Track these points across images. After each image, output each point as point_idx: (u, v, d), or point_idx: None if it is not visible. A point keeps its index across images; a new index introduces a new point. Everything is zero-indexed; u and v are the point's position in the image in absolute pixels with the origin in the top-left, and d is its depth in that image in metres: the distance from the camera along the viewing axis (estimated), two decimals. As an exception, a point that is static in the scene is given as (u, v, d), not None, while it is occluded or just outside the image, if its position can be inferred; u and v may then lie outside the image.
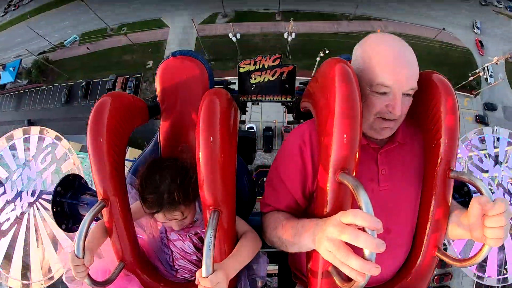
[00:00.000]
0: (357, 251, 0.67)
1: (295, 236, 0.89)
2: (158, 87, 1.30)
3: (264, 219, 1.11)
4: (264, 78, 1.59)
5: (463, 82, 20.22)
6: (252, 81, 1.61)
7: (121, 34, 23.17)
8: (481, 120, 19.62)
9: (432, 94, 0.97)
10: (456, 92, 0.99)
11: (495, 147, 1.67)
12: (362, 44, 1.00)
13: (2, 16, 30.60)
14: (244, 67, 1.60)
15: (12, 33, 28.02)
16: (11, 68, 23.51)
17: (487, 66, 21.23)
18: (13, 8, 30.60)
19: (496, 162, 1.65)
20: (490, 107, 20.37)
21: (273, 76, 1.58)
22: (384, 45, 0.92)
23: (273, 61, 1.57)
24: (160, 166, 1.08)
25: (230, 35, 19.11)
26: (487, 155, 1.66)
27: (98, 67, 22.39)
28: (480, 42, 23.35)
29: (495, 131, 1.70)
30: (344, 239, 0.66)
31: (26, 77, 22.77)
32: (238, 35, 18.87)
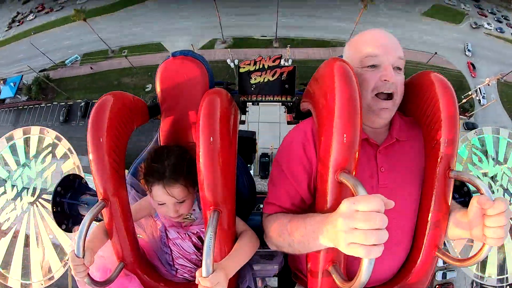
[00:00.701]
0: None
1: (308, 242, 0.86)
2: (158, 87, 1.30)
3: (267, 221, 1.07)
4: (264, 79, 1.59)
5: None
6: (252, 81, 1.61)
7: (121, 56, 23.76)
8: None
9: (431, 94, 0.97)
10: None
11: (495, 147, 1.68)
12: (350, 40, 1.13)
13: (6, 31, 31.36)
14: (244, 67, 1.60)
15: (15, 48, 28.72)
16: (11, 83, 24.12)
17: (479, 88, 21.78)
18: (17, 23, 31.37)
19: (496, 162, 1.65)
20: (471, 127, 20.53)
21: (273, 76, 1.58)
22: (367, 30, 1.08)
23: (273, 61, 1.57)
24: (168, 147, 1.15)
25: (228, 61, 19.48)
26: (487, 155, 1.66)
27: (97, 88, 22.80)
28: (472, 64, 23.79)
29: (495, 131, 1.70)
30: (358, 225, 0.65)
31: (26, 93, 23.23)
32: (236, 61, 19.08)
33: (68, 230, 1.57)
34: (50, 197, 1.54)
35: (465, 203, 1.34)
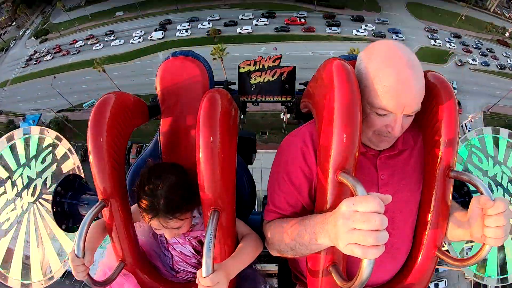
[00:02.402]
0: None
1: (310, 243, 0.86)
2: (158, 87, 1.30)
3: (267, 228, 1.06)
4: (264, 79, 1.59)
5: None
6: (252, 81, 1.61)
7: None
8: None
9: (431, 94, 0.97)
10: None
11: (495, 147, 1.67)
12: (367, 56, 0.91)
13: (23, 67, 33.07)
14: (244, 68, 1.60)
15: (32, 86, 30.18)
16: (31, 121, 25.53)
17: (465, 124, 22.70)
18: (35, 62, 33.11)
19: (496, 162, 1.65)
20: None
21: (273, 76, 1.58)
22: (391, 68, 0.84)
23: (273, 62, 1.57)
24: (162, 170, 1.04)
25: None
26: (487, 155, 1.66)
27: (113, 132, 24.45)
28: (458, 101, 24.30)
29: (495, 131, 1.70)
30: (358, 225, 0.65)
31: (44, 131, 24.42)
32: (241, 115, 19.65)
33: (68, 230, 1.57)
34: (50, 197, 1.54)
35: (465, 203, 1.34)
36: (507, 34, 35.07)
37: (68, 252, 1.58)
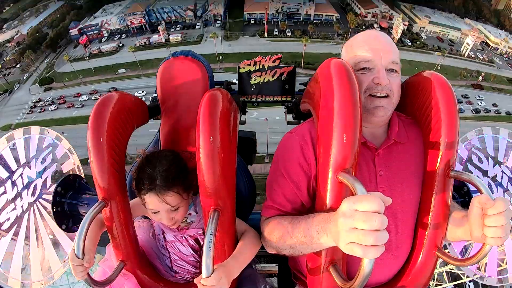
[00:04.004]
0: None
1: (312, 243, 0.86)
2: (158, 87, 1.30)
3: (265, 224, 1.06)
4: (264, 79, 1.58)
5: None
6: (252, 81, 1.60)
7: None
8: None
9: (431, 94, 0.97)
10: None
11: (495, 147, 1.67)
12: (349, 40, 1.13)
13: (27, 113, 33.80)
14: (244, 68, 1.59)
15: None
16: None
17: None
18: (39, 110, 33.86)
19: (496, 162, 1.65)
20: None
21: (273, 76, 1.58)
22: (362, 32, 1.09)
23: (273, 62, 1.57)
24: (160, 152, 1.10)
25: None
26: (487, 155, 1.66)
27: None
28: None
29: (495, 131, 1.70)
30: (358, 225, 0.65)
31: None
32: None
33: (68, 230, 1.57)
34: (50, 197, 1.54)
35: (465, 203, 1.34)
36: (480, 78, 36.84)
37: (68, 252, 1.58)
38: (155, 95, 1.34)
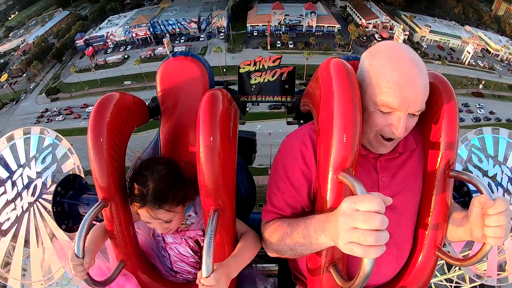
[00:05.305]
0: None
1: (311, 243, 0.85)
2: (158, 87, 1.30)
3: (265, 228, 1.06)
4: (264, 79, 1.58)
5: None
6: (252, 81, 1.60)
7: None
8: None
9: (431, 94, 0.97)
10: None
11: (495, 147, 1.67)
12: (370, 55, 0.92)
13: (35, 123, 33.82)
14: (244, 68, 1.59)
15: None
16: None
17: None
18: (46, 120, 34.47)
19: (496, 162, 1.65)
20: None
21: (273, 76, 1.58)
22: (395, 64, 0.85)
23: (273, 62, 1.56)
24: (153, 163, 1.05)
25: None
26: (487, 155, 1.66)
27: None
28: None
29: (495, 131, 1.70)
30: (358, 225, 0.64)
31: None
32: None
33: (68, 230, 1.57)
34: (50, 197, 1.54)
35: (465, 203, 1.34)
36: (481, 85, 36.97)
37: (68, 252, 1.58)
38: (155, 95, 1.34)
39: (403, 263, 1.07)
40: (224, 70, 37.63)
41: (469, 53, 41.51)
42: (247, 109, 1.91)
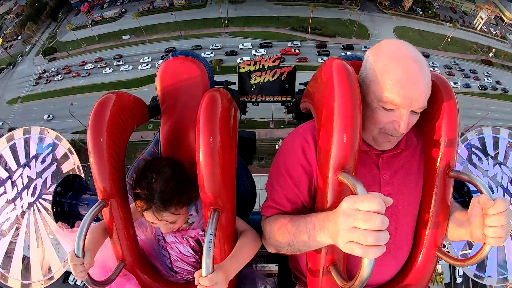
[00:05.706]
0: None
1: (309, 240, 0.86)
2: (158, 87, 1.30)
3: (265, 223, 1.06)
4: (264, 79, 1.59)
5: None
6: (252, 81, 1.61)
7: (148, 130, 24.31)
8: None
9: (432, 93, 0.97)
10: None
11: (495, 147, 1.67)
12: (375, 52, 0.93)
13: (33, 85, 33.44)
14: (244, 68, 1.60)
15: (44, 106, 30.46)
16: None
17: None
18: (45, 81, 33.49)
19: (496, 162, 1.65)
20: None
21: (273, 76, 1.58)
22: (398, 62, 0.86)
23: (273, 62, 1.57)
24: (158, 164, 1.05)
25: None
26: (487, 155, 1.66)
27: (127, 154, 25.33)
28: None
29: (495, 131, 1.70)
30: (358, 224, 0.65)
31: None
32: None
33: (68, 230, 1.57)
34: (50, 197, 1.54)
35: (465, 203, 1.34)
36: (491, 54, 35.38)
37: (68, 252, 1.58)
38: (155, 95, 1.34)
39: (403, 263, 1.07)
40: (226, 21, 35.95)
41: (482, 18, 39.10)
42: (247, 109, 1.92)
